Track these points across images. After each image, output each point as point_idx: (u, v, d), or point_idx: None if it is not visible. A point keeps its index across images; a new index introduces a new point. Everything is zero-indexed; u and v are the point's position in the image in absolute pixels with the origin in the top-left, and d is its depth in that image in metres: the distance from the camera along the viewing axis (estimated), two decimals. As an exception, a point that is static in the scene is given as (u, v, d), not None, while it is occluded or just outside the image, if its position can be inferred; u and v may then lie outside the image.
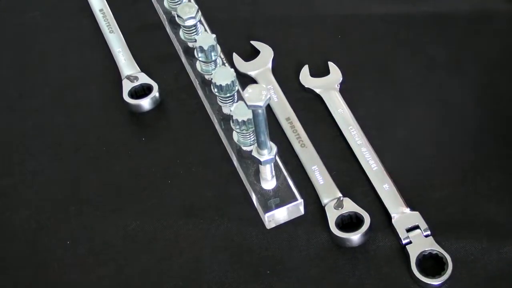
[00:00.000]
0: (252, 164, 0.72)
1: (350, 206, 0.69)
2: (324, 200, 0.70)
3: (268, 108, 0.79)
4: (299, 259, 0.69)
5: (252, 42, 0.86)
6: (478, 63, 0.83)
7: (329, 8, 0.92)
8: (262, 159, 0.67)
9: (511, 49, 0.84)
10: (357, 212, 0.68)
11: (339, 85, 0.81)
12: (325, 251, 0.69)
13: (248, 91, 0.59)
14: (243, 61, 0.85)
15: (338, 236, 0.67)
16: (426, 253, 0.66)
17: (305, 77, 0.83)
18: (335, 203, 0.69)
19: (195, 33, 0.82)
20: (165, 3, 0.89)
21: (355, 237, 0.67)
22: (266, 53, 0.85)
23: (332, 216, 0.69)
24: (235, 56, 0.85)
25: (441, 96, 0.80)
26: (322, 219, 0.70)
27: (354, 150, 0.75)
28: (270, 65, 0.84)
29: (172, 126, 0.81)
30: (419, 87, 0.82)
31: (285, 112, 0.79)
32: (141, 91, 0.83)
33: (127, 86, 0.83)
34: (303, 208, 0.71)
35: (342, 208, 0.69)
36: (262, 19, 0.92)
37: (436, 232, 0.68)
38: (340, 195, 0.70)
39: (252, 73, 0.83)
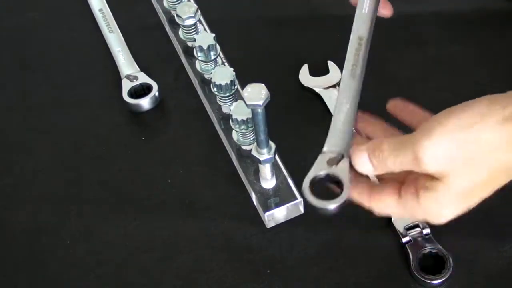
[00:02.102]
0: (252, 163, 0.72)
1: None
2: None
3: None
4: (299, 258, 0.69)
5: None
6: (478, 62, 0.83)
7: (329, 8, 0.92)
8: (261, 158, 0.67)
9: (511, 49, 0.84)
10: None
11: (338, 84, 0.81)
12: (324, 250, 0.69)
13: (248, 90, 0.59)
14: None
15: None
16: (426, 252, 0.66)
17: (305, 76, 0.83)
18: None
19: (194, 32, 0.82)
20: (165, 3, 0.89)
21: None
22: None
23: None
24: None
25: (441, 96, 0.80)
26: (321, 218, 0.70)
27: (353, 149, 0.74)
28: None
29: (171, 125, 0.82)
30: (418, 87, 0.82)
31: None
32: (141, 91, 0.83)
33: (126, 85, 0.83)
34: (303, 207, 0.71)
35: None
36: (261, 18, 0.92)
37: (436, 231, 0.67)
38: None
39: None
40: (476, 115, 0.46)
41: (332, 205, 0.52)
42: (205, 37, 0.77)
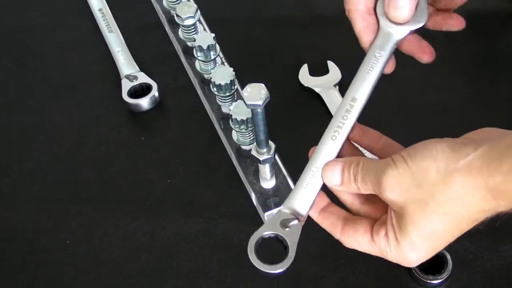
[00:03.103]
0: (252, 163, 0.72)
1: None
2: None
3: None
4: (299, 258, 0.68)
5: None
6: (478, 62, 0.83)
7: (329, 8, 0.92)
8: (261, 158, 0.67)
9: (511, 49, 0.84)
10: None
11: (338, 84, 0.81)
12: (324, 250, 0.68)
13: (247, 90, 0.59)
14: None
15: None
16: (425, 252, 0.66)
17: (305, 76, 0.83)
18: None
19: (194, 32, 0.82)
20: (164, 3, 0.89)
21: None
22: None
23: None
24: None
25: (441, 95, 0.80)
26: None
27: (353, 149, 0.74)
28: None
29: (171, 125, 0.81)
30: (418, 87, 0.82)
31: None
32: (140, 91, 0.83)
33: (126, 85, 0.83)
34: (303, 207, 0.71)
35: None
36: (261, 18, 0.92)
37: (436, 231, 0.67)
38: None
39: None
40: (438, 160, 0.46)
41: (275, 270, 0.52)
42: (204, 37, 0.77)
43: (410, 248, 0.49)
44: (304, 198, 0.53)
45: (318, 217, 0.55)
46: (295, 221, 0.53)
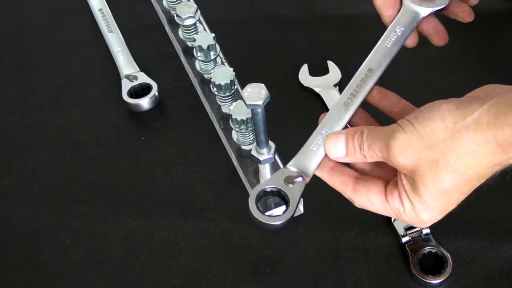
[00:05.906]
0: (252, 163, 0.72)
1: None
2: None
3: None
4: (299, 258, 0.69)
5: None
6: (478, 62, 0.83)
7: (328, 7, 0.92)
8: (261, 158, 0.67)
9: (511, 49, 0.84)
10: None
11: (338, 84, 0.81)
12: (324, 250, 0.69)
13: (247, 90, 0.59)
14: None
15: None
16: (425, 252, 0.66)
17: (305, 76, 0.83)
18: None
19: (194, 32, 0.82)
20: (164, 3, 0.89)
21: None
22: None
23: None
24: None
25: (440, 95, 0.80)
26: (321, 218, 0.70)
27: (353, 149, 0.74)
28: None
29: (171, 125, 0.81)
30: (418, 87, 0.82)
31: None
32: (140, 91, 0.83)
33: (126, 85, 0.83)
34: (303, 207, 0.71)
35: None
36: (261, 18, 0.92)
37: (436, 231, 0.67)
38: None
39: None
40: (445, 120, 0.47)
41: (273, 222, 0.52)
42: (204, 37, 0.77)
43: (424, 209, 0.49)
44: (311, 158, 0.54)
45: (327, 176, 0.54)
46: (299, 178, 0.54)
